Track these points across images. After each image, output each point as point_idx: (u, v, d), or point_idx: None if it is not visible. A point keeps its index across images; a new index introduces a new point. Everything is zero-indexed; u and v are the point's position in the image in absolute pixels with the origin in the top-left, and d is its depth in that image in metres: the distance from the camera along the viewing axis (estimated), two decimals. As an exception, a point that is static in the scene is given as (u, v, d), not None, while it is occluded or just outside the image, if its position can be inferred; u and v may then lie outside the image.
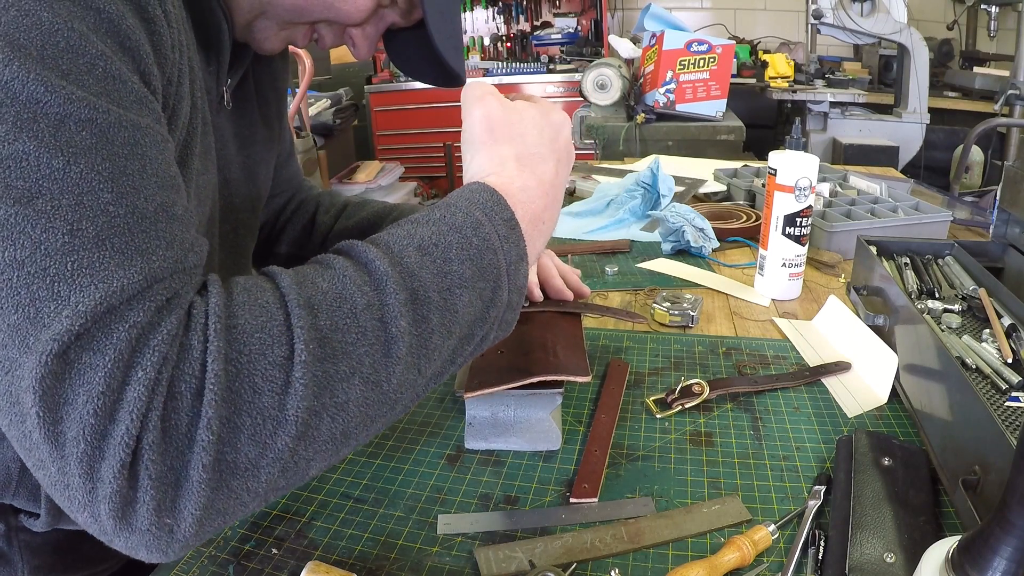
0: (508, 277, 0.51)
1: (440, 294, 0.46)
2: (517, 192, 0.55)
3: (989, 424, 0.54)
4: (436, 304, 0.46)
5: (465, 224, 0.49)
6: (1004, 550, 0.39)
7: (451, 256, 0.47)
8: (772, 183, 1.00)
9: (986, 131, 2.48)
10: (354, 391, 0.42)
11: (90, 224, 0.38)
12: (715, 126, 2.47)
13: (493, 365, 0.69)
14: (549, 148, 0.59)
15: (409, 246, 0.47)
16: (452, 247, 0.48)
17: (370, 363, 0.42)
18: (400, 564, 0.56)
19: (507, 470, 0.67)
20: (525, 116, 0.59)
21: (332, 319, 0.42)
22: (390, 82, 4.29)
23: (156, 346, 0.37)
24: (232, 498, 0.39)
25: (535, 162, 0.58)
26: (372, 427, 0.45)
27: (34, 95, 0.38)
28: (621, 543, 0.57)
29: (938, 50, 3.36)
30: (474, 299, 0.48)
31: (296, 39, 0.67)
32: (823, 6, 2.60)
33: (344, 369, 0.41)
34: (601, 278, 1.15)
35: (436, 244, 0.47)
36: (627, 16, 4.53)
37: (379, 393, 0.43)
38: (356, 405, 0.42)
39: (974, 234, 1.34)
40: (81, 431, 0.35)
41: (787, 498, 0.62)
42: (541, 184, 0.57)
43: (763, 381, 0.80)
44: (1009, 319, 0.80)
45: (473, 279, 0.48)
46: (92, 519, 0.37)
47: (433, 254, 0.47)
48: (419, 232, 0.48)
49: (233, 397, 0.38)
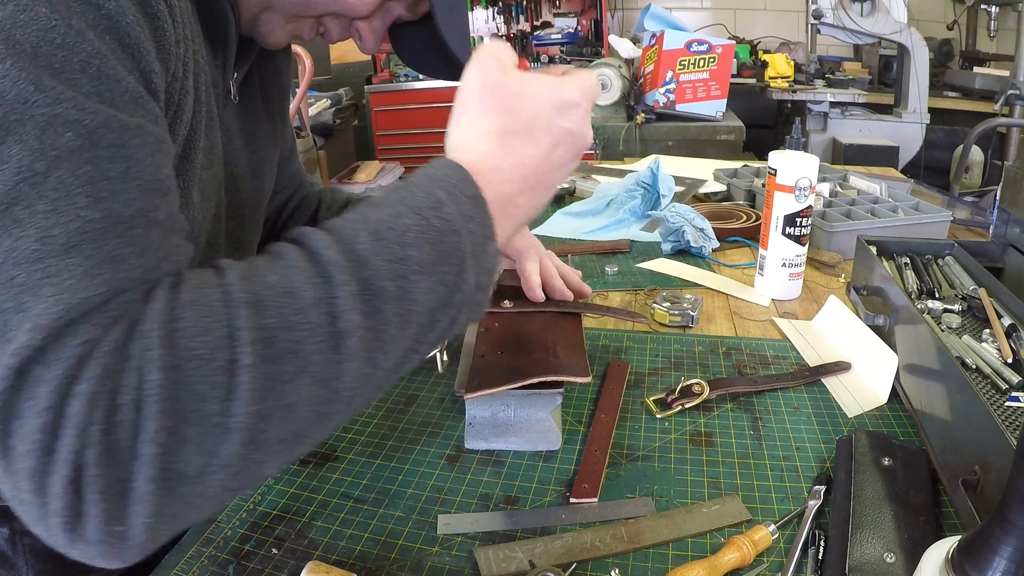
0: (474, 258, 0.47)
1: (395, 282, 0.43)
2: (488, 171, 0.50)
3: (989, 424, 0.54)
4: (391, 294, 0.43)
5: (425, 205, 0.46)
6: (1004, 550, 0.39)
7: (408, 240, 0.44)
8: (772, 183, 1.00)
9: (986, 131, 2.48)
10: (303, 391, 0.40)
11: (62, 230, 0.37)
12: (715, 126, 2.47)
13: (493, 366, 0.69)
14: (544, 128, 0.53)
15: (362, 231, 0.44)
16: (410, 230, 0.44)
17: (319, 361, 0.40)
18: (400, 564, 0.56)
19: (507, 470, 0.67)
20: (526, 88, 0.54)
21: (278, 316, 0.39)
22: (390, 82, 4.29)
23: (99, 359, 0.36)
24: (183, 504, 0.38)
25: (519, 141, 0.53)
26: (327, 424, 0.43)
27: (23, 94, 0.37)
28: (621, 543, 0.57)
29: (938, 50, 3.36)
30: (435, 285, 0.45)
31: (302, 32, 0.66)
32: (823, 6, 2.60)
33: (291, 369, 0.39)
34: (601, 278, 1.15)
35: (392, 228, 0.44)
36: (627, 16, 4.53)
37: (330, 391, 0.41)
38: (307, 405, 0.40)
39: (974, 234, 1.34)
40: (29, 447, 0.35)
41: (787, 498, 0.62)
42: (520, 166, 0.52)
43: (763, 381, 0.80)
44: (1009, 319, 0.80)
45: (434, 264, 0.45)
46: (46, 532, 0.37)
47: (388, 239, 0.44)
48: (374, 216, 0.45)
49: (176, 407, 0.36)
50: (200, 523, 0.61)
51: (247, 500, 0.64)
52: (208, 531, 0.60)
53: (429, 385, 0.82)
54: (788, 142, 1.88)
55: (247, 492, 0.65)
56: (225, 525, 0.61)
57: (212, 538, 0.59)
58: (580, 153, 0.57)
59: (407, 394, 0.80)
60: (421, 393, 0.81)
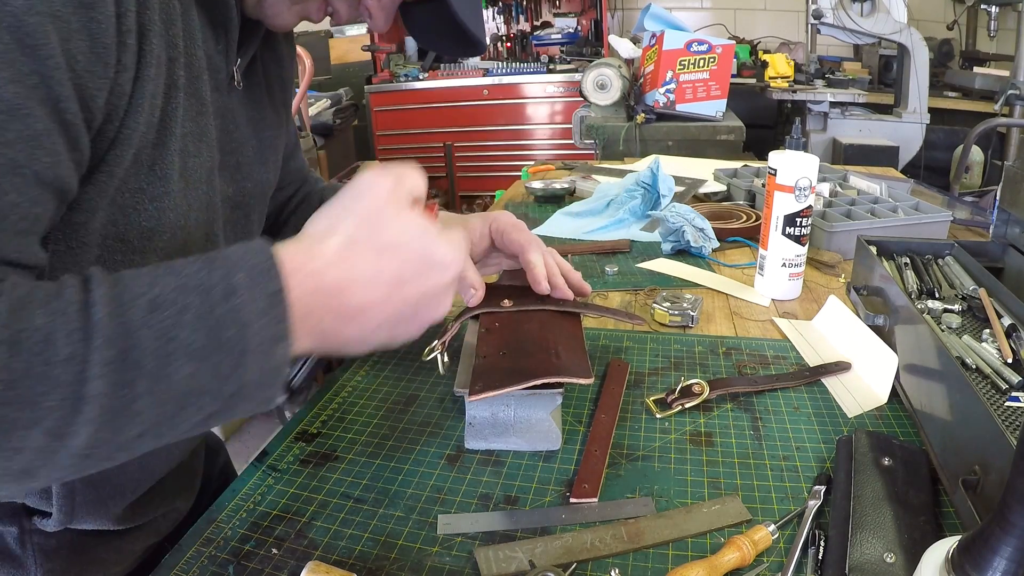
0: (260, 354, 0.44)
1: (156, 360, 0.41)
2: (310, 273, 0.46)
3: (989, 424, 0.54)
4: (148, 370, 0.40)
5: (217, 287, 0.43)
6: (1004, 550, 0.39)
7: (184, 320, 0.41)
8: (772, 183, 1.00)
9: (986, 131, 2.48)
10: (33, 440, 0.38)
11: None
12: (715, 126, 2.47)
13: (495, 367, 0.68)
14: (395, 268, 0.49)
15: (144, 297, 0.41)
16: (189, 310, 0.42)
17: (56, 417, 0.38)
18: (400, 564, 0.56)
19: (507, 470, 0.67)
20: (404, 222, 0.49)
21: (27, 363, 0.38)
22: (390, 82, 4.29)
23: None
24: None
25: (362, 260, 0.48)
26: (60, 473, 0.41)
27: None
28: (621, 543, 0.57)
29: (938, 50, 3.36)
30: (203, 371, 0.42)
31: (310, 13, 0.65)
32: (823, 6, 2.60)
33: (25, 417, 0.38)
34: (601, 278, 1.15)
35: (173, 303, 0.41)
36: (627, 16, 4.53)
37: (63, 446, 0.39)
38: (33, 453, 0.39)
39: (974, 234, 1.34)
40: None
41: (787, 498, 0.62)
42: (347, 285, 0.47)
43: (763, 381, 0.80)
44: (1009, 319, 0.80)
45: (206, 351, 0.42)
46: None
47: (164, 313, 0.41)
48: (163, 283, 0.42)
49: None
50: (200, 523, 0.61)
51: (247, 500, 0.64)
52: (208, 531, 0.60)
53: (429, 385, 0.82)
54: (788, 142, 1.89)
55: (252, 492, 0.65)
56: (225, 525, 0.61)
57: (212, 538, 0.59)
58: (422, 321, 0.52)
59: (407, 394, 0.80)
60: (421, 393, 0.81)
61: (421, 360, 0.74)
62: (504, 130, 4.22)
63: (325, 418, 0.76)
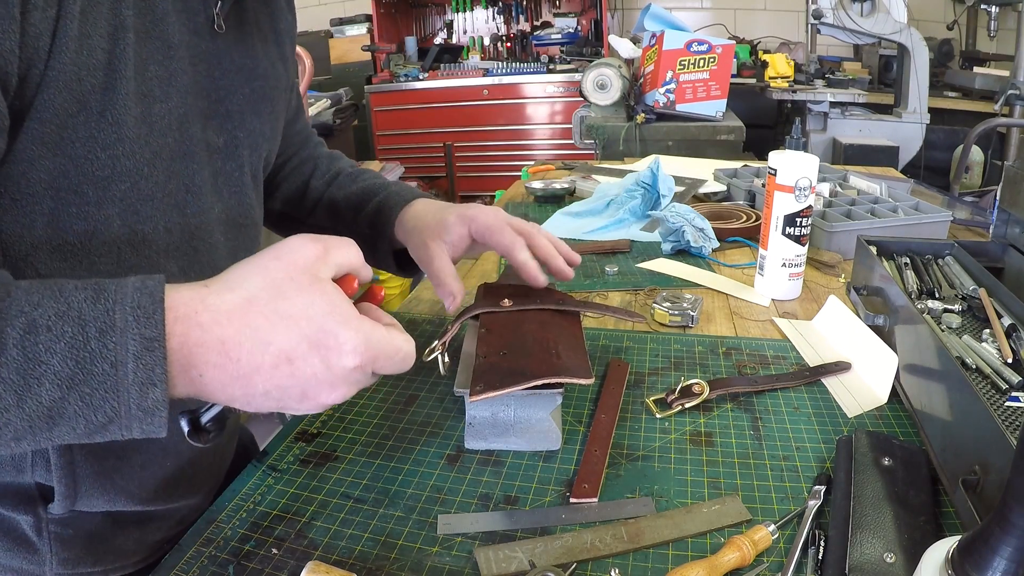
0: (132, 393, 0.43)
1: (23, 379, 0.41)
2: (195, 324, 0.44)
3: (989, 424, 0.54)
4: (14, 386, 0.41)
5: (95, 321, 0.42)
6: (1004, 550, 0.39)
7: (56, 348, 0.41)
8: (772, 183, 1.00)
9: (986, 131, 2.48)
10: None
11: None
12: (715, 126, 2.47)
13: (496, 367, 0.68)
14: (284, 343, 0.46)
15: (24, 316, 0.41)
16: (63, 339, 0.41)
17: None
18: (400, 564, 0.56)
19: (507, 470, 0.67)
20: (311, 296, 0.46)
21: None
22: (390, 82, 4.29)
23: None
24: None
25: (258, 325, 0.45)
26: None
27: None
28: (621, 543, 0.57)
29: (938, 50, 3.37)
30: (72, 399, 0.42)
31: None
32: (823, 6, 2.60)
33: None
34: (601, 278, 1.15)
35: (48, 329, 0.41)
36: (627, 16, 4.54)
37: None
38: None
39: (974, 234, 1.34)
40: None
41: (787, 498, 0.62)
42: (236, 345, 0.45)
43: (763, 381, 0.80)
44: (1009, 319, 0.80)
45: (74, 380, 0.42)
46: None
47: (38, 337, 0.41)
48: (46, 305, 0.42)
49: None
50: (200, 523, 0.61)
51: (247, 500, 0.64)
52: (208, 531, 0.60)
53: (429, 385, 0.82)
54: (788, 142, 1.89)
55: (252, 492, 0.65)
56: (225, 525, 0.61)
57: (212, 538, 0.59)
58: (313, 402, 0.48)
59: (407, 394, 0.80)
60: (421, 393, 0.81)
61: (421, 360, 0.74)
62: (504, 130, 4.22)
63: (325, 418, 0.76)
